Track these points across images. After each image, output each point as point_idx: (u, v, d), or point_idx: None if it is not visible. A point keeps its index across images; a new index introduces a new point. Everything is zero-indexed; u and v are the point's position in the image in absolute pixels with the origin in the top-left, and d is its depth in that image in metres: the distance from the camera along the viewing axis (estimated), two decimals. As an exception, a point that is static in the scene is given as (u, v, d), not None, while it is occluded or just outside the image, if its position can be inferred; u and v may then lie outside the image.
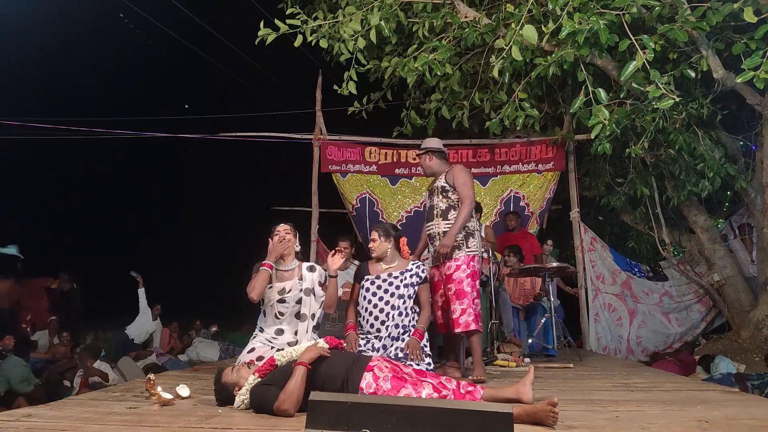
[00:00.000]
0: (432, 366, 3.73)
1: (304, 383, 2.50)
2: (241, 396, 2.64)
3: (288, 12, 5.15)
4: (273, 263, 3.53)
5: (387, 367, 2.63)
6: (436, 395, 2.48)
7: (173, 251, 17.56)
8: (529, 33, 4.08)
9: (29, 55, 13.85)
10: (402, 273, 3.90)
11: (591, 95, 4.47)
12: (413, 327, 3.83)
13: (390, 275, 3.91)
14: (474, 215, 4.11)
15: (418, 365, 3.53)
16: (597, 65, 5.48)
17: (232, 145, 7.94)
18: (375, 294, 3.88)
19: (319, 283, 3.68)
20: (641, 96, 5.02)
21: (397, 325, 3.79)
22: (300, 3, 6.95)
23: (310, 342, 2.93)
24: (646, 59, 4.15)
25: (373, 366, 2.62)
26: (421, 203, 7.18)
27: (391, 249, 3.96)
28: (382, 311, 3.82)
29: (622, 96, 5.18)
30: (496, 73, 4.68)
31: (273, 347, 3.45)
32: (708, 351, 6.63)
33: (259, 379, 2.63)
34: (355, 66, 5.31)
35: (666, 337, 7.35)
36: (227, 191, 18.38)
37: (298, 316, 3.60)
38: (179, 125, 8.54)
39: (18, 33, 12.32)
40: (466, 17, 5.24)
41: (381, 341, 3.75)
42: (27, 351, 6.84)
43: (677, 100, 4.32)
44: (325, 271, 3.68)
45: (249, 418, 2.50)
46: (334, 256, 3.65)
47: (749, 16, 4.03)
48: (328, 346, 2.76)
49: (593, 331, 6.82)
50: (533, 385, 2.67)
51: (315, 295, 3.63)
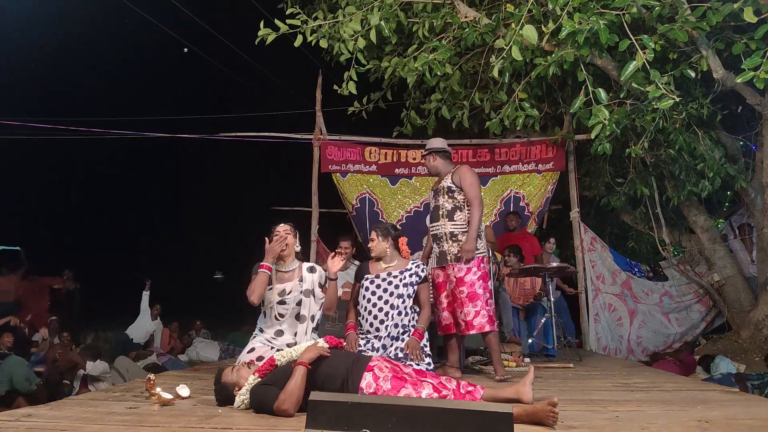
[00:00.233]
0: (432, 366, 3.74)
1: (304, 383, 2.50)
2: (241, 396, 2.64)
3: (288, 12, 5.15)
4: (271, 264, 3.49)
5: (387, 367, 2.63)
6: (436, 395, 2.48)
7: (173, 251, 17.58)
8: (529, 33, 4.08)
9: (29, 55, 13.88)
10: (401, 272, 3.90)
11: (591, 95, 4.47)
12: (413, 327, 3.83)
13: (389, 274, 3.91)
14: None
15: (418, 365, 3.53)
16: (597, 65, 5.47)
17: (232, 145, 7.94)
18: (374, 293, 3.88)
19: (319, 285, 3.65)
20: (641, 96, 5.02)
21: (397, 325, 3.79)
22: (300, 3, 6.95)
23: (310, 342, 2.93)
24: (646, 59, 4.15)
25: (373, 366, 2.62)
26: (421, 203, 7.18)
27: (390, 249, 3.96)
28: (381, 310, 3.82)
29: (622, 96, 5.17)
30: (496, 73, 4.68)
31: (273, 347, 3.44)
32: (708, 351, 6.62)
33: (259, 379, 2.63)
34: (355, 66, 5.31)
35: (666, 337, 7.35)
36: (227, 191, 18.40)
37: (297, 317, 3.57)
38: (179, 125, 8.55)
39: (18, 33, 12.33)
40: (466, 17, 5.24)
41: (381, 341, 3.75)
42: (27, 350, 6.84)
43: (677, 100, 4.32)
44: (326, 272, 3.66)
45: (249, 418, 2.50)
46: (334, 258, 3.62)
47: (749, 16, 4.02)
48: (328, 345, 2.75)
49: (593, 331, 6.81)
50: (533, 385, 2.67)
51: (314, 297, 3.60)
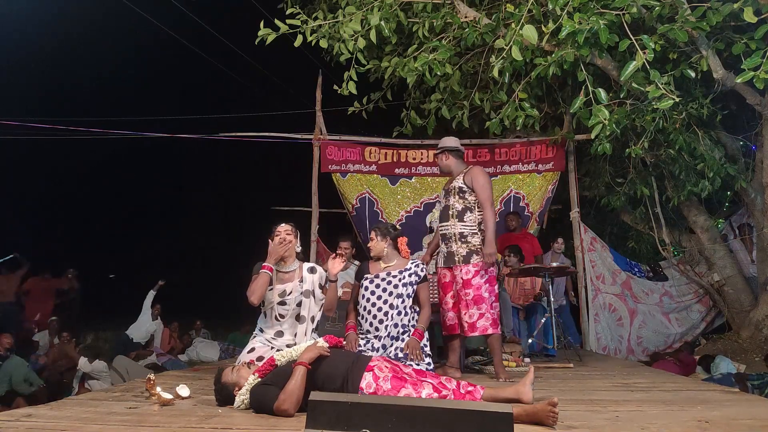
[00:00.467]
0: (432, 366, 3.74)
1: (304, 383, 2.50)
2: (241, 396, 2.64)
3: (288, 12, 5.15)
4: (273, 265, 3.48)
5: (387, 367, 2.63)
6: (436, 395, 2.48)
7: (173, 251, 17.57)
8: (529, 33, 4.08)
9: (29, 55, 13.88)
10: (400, 272, 3.90)
11: (591, 95, 4.46)
12: (413, 326, 3.83)
13: (389, 274, 3.91)
14: None
15: (418, 365, 3.53)
16: (597, 65, 5.47)
17: (232, 145, 7.94)
18: (374, 293, 3.88)
19: (320, 285, 3.64)
20: (641, 96, 5.02)
21: (397, 325, 3.79)
22: (300, 3, 6.95)
23: (310, 341, 2.92)
24: (646, 59, 4.15)
25: (373, 366, 2.62)
26: (421, 203, 7.18)
27: (389, 248, 3.96)
28: (380, 310, 3.82)
29: (622, 96, 5.17)
30: (496, 73, 4.68)
31: (273, 347, 3.44)
32: (708, 351, 6.62)
33: (259, 379, 2.63)
34: (355, 66, 5.30)
35: (666, 337, 7.35)
36: (227, 191, 18.40)
37: (297, 318, 3.56)
38: (179, 125, 8.55)
39: (18, 33, 12.33)
40: (466, 17, 5.23)
41: (380, 341, 3.75)
42: (29, 351, 6.83)
43: (677, 100, 4.32)
44: (326, 273, 3.65)
45: (249, 418, 2.50)
46: (335, 259, 3.61)
47: (749, 16, 4.02)
48: (327, 345, 2.75)
49: (593, 331, 6.81)
50: (533, 385, 2.67)
51: (314, 298, 3.59)
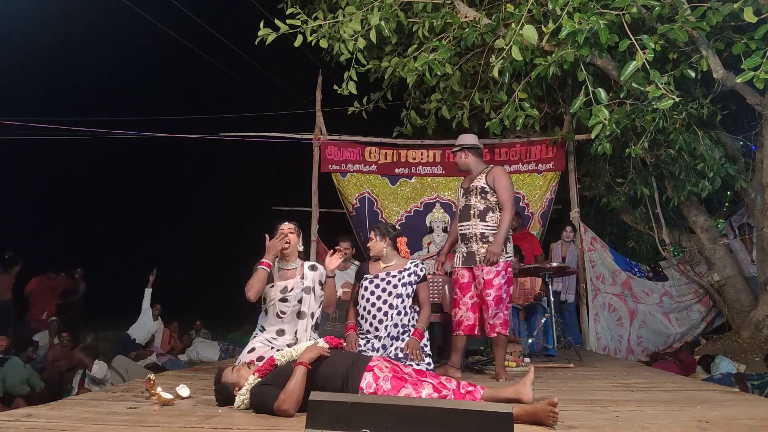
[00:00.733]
0: (432, 366, 3.74)
1: (304, 383, 2.50)
2: (241, 396, 2.64)
3: (288, 12, 5.15)
4: (272, 262, 3.48)
5: (387, 367, 2.63)
6: (436, 395, 2.48)
7: (173, 251, 17.55)
8: (529, 33, 4.08)
9: (29, 55, 13.86)
10: (400, 272, 3.90)
11: (591, 95, 4.47)
12: (413, 326, 3.83)
13: (388, 274, 3.91)
14: None
15: (418, 365, 3.53)
16: (597, 65, 5.47)
17: (232, 145, 7.95)
18: (373, 293, 3.88)
19: (319, 282, 3.65)
20: (641, 96, 5.02)
21: (396, 325, 3.79)
22: (300, 3, 6.94)
23: (310, 342, 2.93)
24: (646, 59, 4.15)
25: (373, 366, 2.62)
26: (421, 203, 7.18)
27: (388, 248, 3.96)
28: (380, 310, 3.82)
29: (622, 96, 5.17)
30: (496, 73, 4.68)
31: (273, 347, 3.44)
32: (708, 351, 6.62)
33: (259, 379, 2.63)
34: (355, 66, 5.31)
35: (666, 337, 7.35)
36: (227, 191, 18.38)
37: (298, 315, 3.58)
38: (179, 125, 8.55)
39: (18, 33, 12.33)
40: (466, 17, 5.24)
41: (380, 341, 3.75)
42: (27, 351, 6.81)
43: (677, 100, 4.32)
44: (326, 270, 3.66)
45: (249, 418, 2.50)
46: (332, 255, 3.61)
47: (749, 16, 4.02)
48: (328, 346, 2.75)
49: (593, 331, 6.81)
50: (533, 385, 2.67)
51: (315, 294, 3.61)
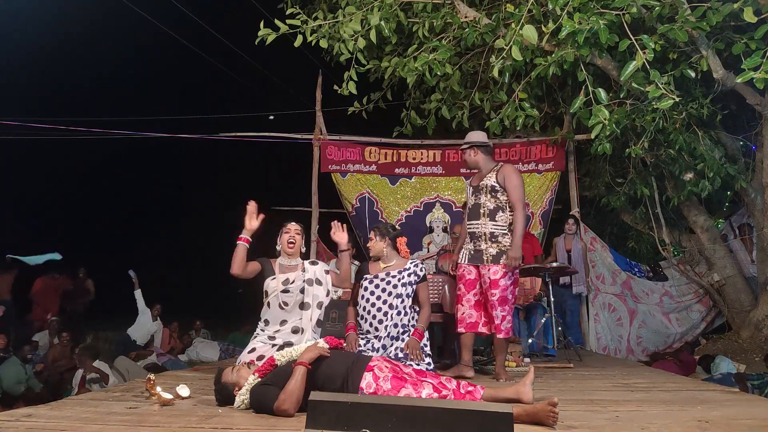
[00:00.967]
0: (432, 366, 3.73)
1: (304, 383, 2.50)
2: (241, 396, 2.64)
3: (288, 12, 5.15)
4: (248, 237, 3.52)
5: (387, 367, 2.63)
6: (436, 395, 2.48)
7: (173, 251, 17.56)
8: (529, 33, 4.09)
9: (29, 55, 13.87)
10: (399, 272, 3.90)
11: (591, 95, 4.47)
12: (413, 326, 3.83)
13: (388, 274, 3.91)
14: None
15: (418, 365, 3.53)
16: (597, 65, 5.48)
17: (232, 145, 7.95)
18: (373, 293, 3.88)
19: (326, 271, 3.74)
20: (641, 96, 5.02)
21: (396, 325, 3.79)
22: (300, 3, 6.95)
23: (310, 342, 2.93)
24: (646, 59, 4.15)
25: (373, 366, 2.62)
26: (421, 202, 7.19)
27: (387, 248, 3.97)
28: (380, 311, 3.82)
29: (622, 96, 5.18)
30: (496, 73, 4.68)
31: (274, 346, 3.45)
32: (708, 351, 6.62)
33: (259, 379, 2.63)
34: (355, 66, 5.31)
35: (666, 337, 7.35)
36: (227, 191, 18.37)
37: (302, 306, 3.63)
38: (179, 125, 8.55)
39: (18, 33, 12.33)
40: (466, 17, 5.24)
41: (380, 341, 3.75)
42: (31, 351, 6.81)
43: (677, 100, 4.32)
44: (328, 265, 3.78)
45: (249, 418, 2.50)
46: (335, 233, 3.73)
47: (749, 16, 4.02)
48: (328, 346, 2.76)
49: (593, 331, 6.82)
50: (533, 385, 2.67)
51: (321, 284, 3.68)
